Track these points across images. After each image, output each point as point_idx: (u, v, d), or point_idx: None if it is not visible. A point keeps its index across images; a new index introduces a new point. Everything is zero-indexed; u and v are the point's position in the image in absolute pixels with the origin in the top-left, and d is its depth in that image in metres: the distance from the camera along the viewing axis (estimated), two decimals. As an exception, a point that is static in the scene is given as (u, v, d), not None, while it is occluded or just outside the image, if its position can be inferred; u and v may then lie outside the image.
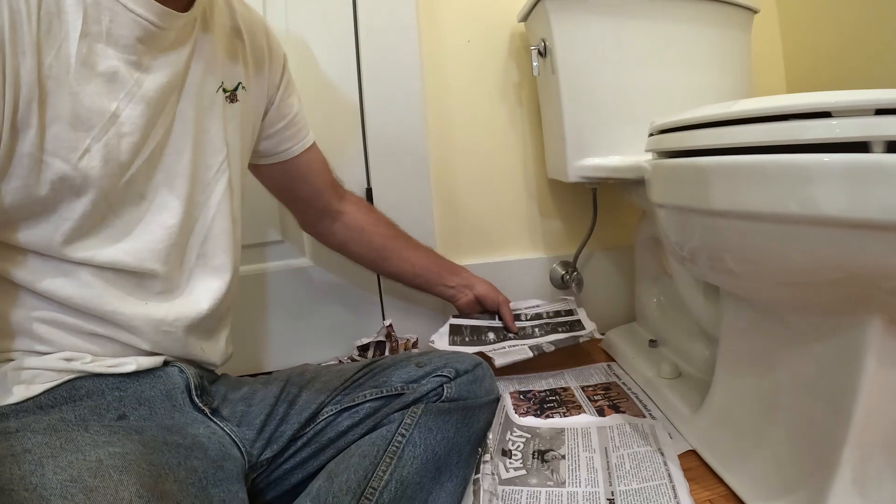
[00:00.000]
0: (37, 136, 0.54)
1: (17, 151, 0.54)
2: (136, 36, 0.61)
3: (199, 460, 0.60)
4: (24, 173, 0.55)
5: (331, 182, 1.04)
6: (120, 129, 0.61)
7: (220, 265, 0.74)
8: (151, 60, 0.64)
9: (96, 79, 0.59)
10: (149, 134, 0.64)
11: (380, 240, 1.10)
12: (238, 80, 0.78)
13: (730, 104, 0.58)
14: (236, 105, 0.78)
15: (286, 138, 0.92)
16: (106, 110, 0.59)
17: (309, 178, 0.99)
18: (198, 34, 0.70)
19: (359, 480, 0.67)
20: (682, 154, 0.66)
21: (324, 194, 1.03)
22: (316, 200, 1.02)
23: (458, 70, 1.32)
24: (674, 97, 1.13)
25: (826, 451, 0.61)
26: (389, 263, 1.13)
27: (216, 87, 0.74)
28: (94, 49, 0.58)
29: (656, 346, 1.17)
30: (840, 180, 0.47)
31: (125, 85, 0.61)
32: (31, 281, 0.60)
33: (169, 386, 0.67)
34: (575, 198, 1.40)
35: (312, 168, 0.99)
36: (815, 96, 0.50)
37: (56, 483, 0.49)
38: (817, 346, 0.63)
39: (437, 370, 0.81)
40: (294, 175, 0.97)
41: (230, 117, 0.77)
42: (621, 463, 0.81)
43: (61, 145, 0.56)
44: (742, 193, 0.55)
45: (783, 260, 0.56)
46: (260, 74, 0.84)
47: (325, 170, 1.02)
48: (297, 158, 0.95)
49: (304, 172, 0.98)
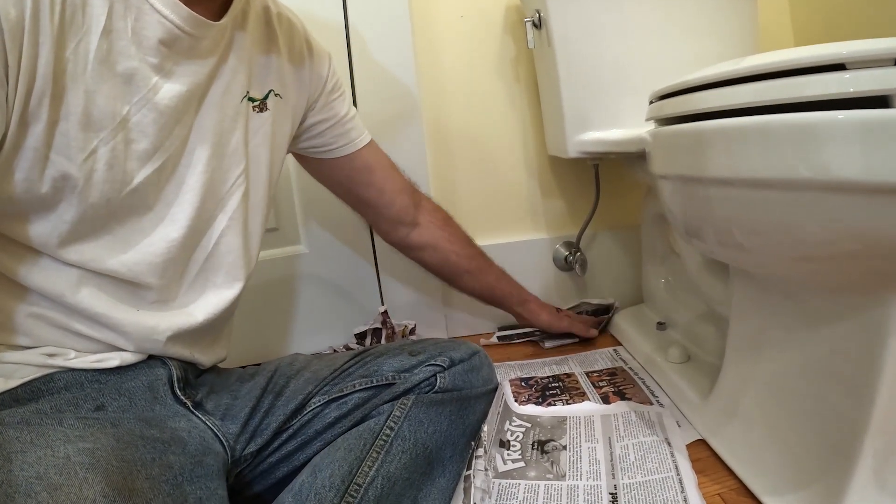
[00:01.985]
0: (45, 132, 0.52)
1: (23, 144, 0.52)
2: (158, 38, 0.59)
3: (177, 455, 0.58)
4: (28, 167, 0.53)
5: (403, 187, 1.01)
6: (128, 135, 0.58)
7: (223, 282, 0.71)
8: (174, 66, 0.61)
9: (113, 79, 0.56)
10: (161, 144, 0.61)
11: (454, 258, 1.07)
12: (270, 87, 0.75)
13: (735, 62, 0.53)
14: (265, 114, 0.75)
15: (333, 139, 0.89)
16: (117, 113, 0.57)
17: (372, 179, 0.96)
18: (228, 42, 0.68)
19: (343, 476, 0.64)
20: (684, 119, 0.61)
21: (396, 200, 0.99)
22: (386, 207, 0.99)
23: (452, 47, 1.29)
24: (676, 67, 1.08)
25: (845, 440, 0.57)
26: (462, 283, 1.12)
27: (241, 97, 0.71)
28: (115, 47, 0.56)
29: (664, 328, 1.13)
30: (855, 140, 0.43)
31: (141, 89, 0.59)
32: (23, 275, 0.58)
33: (151, 378, 0.65)
34: (577, 175, 1.36)
35: (374, 169, 0.95)
36: (827, 47, 0.45)
37: (22, 480, 0.48)
38: (835, 327, 0.59)
39: (431, 359, 0.78)
40: (352, 176, 0.94)
41: (256, 128, 0.74)
42: (625, 454, 0.76)
43: (68, 144, 0.54)
44: (747, 159, 0.50)
45: (795, 231, 0.51)
46: (299, 76, 0.81)
47: (390, 173, 0.99)
48: (349, 158, 0.92)
49: (362, 174, 0.94)
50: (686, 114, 0.60)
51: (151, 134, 0.60)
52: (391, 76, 1.19)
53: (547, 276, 1.35)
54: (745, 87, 0.51)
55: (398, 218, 1.01)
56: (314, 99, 0.85)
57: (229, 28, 0.67)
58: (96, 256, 0.59)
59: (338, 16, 1.15)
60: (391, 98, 1.19)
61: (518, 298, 1.17)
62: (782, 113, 0.47)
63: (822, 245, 0.50)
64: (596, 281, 1.37)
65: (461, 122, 1.31)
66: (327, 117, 0.87)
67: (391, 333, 1.19)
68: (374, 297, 1.25)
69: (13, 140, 0.51)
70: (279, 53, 0.77)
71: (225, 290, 0.71)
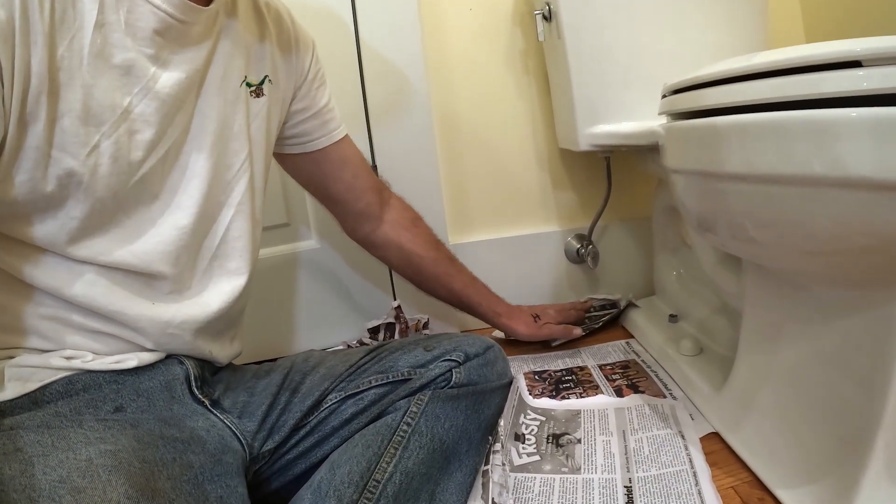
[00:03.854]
0: (45, 130, 0.52)
1: (24, 145, 0.52)
2: (153, 28, 0.58)
3: (196, 455, 0.58)
4: (31, 167, 0.53)
5: (372, 185, 0.99)
6: (131, 125, 0.58)
7: (236, 268, 0.72)
8: (170, 55, 0.61)
9: (111, 72, 0.56)
10: (164, 132, 0.61)
11: (417, 260, 1.03)
12: (264, 73, 0.75)
13: (748, 57, 0.53)
14: (262, 100, 0.75)
15: (312, 129, 0.88)
16: (118, 105, 0.57)
17: (343, 175, 0.94)
18: (221, 27, 0.68)
19: (361, 472, 0.64)
20: (697, 115, 0.61)
21: (363, 197, 0.98)
22: (353, 203, 0.98)
23: (460, 39, 1.28)
24: (687, 57, 1.07)
25: (858, 434, 0.57)
26: (427, 287, 1.07)
27: (240, 81, 0.71)
28: (110, 40, 0.56)
29: (676, 320, 1.13)
30: (869, 137, 0.43)
31: (140, 79, 0.58)
32: (36, 277, 0.58)
33: (168, 377, 0.65)
34: (588, 168, 1.35)
35: (346, 164, 0.94)
36: (843, 44, 0.45)
37: (45, 484, 0.48)
38: (849, 321, 0.59)
39: (446, 354, 0.78)
40: (324, 170, 0.93)
41: (255, 113, 0.74)
42: (640, 447, 0.77)
43: (70, 140, 0.54)
44: (762, 154, 0.50)
45: (808, 226, 0.51)
46: (287, 63, 0.81)
47: (362, 170, 0.97)
48: (324, 151, 0.90)
49: (334, 168, 0.93)
50: (700, 109, 0.60)
51: (155, 123, 0.60)
52: (400, 68, 1.18)
53: (559, 269, 1.35)
54: (761, 83, 0.51)
55: (363, 214, 0.99)
56: (298, 86, 0.84)
57: (220, 14, 0.67)
58: (107, 250, 0.59)
59: (346, 7, 1.15)
60: (400, 90, 1.19)
61: (489, 310, 1.09)
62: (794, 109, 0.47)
63: (835, 240, 0.50)
64: (607, 273, 1.37)
65: (470, 115, 1.30)
66: (308, 105, 0.86)
67: (405, 328, 1.20)
68: (386, 291, 1.26)
69: (14, 142, 0.51)
70: (270, 40, 0.77)
71: (237, 278, 0.72)
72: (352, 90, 1.18)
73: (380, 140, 1.19)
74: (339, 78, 1.16)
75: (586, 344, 1.16)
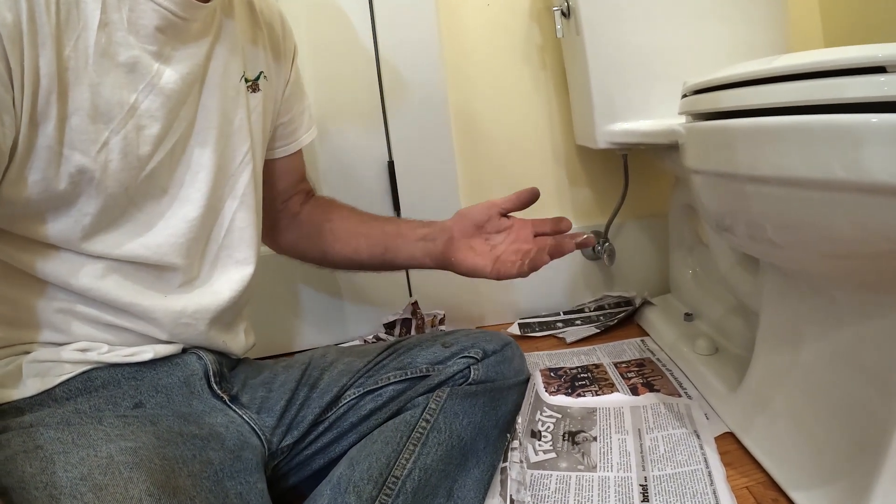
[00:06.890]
0: (56, 129, 0.53)
1: (36, 145, 0.53)
2: (155, 25, 0.59)
3: (216, 451, 0.59)
4: (44, 167, 0.53)
5: (300, 189, 0.93)
6: (139, 121, 0.59)
7: (243, 258, 0.72)
8: (172, 51, 0.62)
9: (116, 69, 0.57)
10: (170, 126, 0.62)
11: (329, 225, 0.89)
12: (260, 68, 0.76)
13: (770, 60, 0.53)
14: (258, 95, 0.76)
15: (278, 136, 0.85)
16: (125, 102, 0.58)
17: (278, 183, 0.89)
18: (220, 23, 0.69)
19: (381, 468, 0.65)
20: (719, 116, 0.61)
21: (286, 199, 0.91)
22: (274, 202, 0.90)
23: (478, 35, 1.28)
24: (706, 54, 1.06)
25: (873, 437, 0.57)
26: (340, 245, 0.89)
27: (239, 76, 0.72)
28: (114, 39, 0.57)
29: (692, 319, 1.13)
30: (891, 143, 0.42)
31: (145, 76, 0.59)
32: (49, 272, 0.59)
33: (187, 373, 0.66)
34: (605, 165, 1.35)
35: (288, 174, 0.89)
36: (867, 49, 0.44)
37: (66, 481, 0.48)
38: (866, 324, 0.59)
39: (464, 351, 0.78)
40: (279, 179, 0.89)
41: (253, 107, 0.75)
42: (655, 446, 0.77)
43: (80, 138, 0.55)
44: (783, 157, 0.50)
45: (828, 230, 0.51)
46: (278, 63, 0.81)
47: (299, 177, 0.92)
48: (278, 162, 0.87)
49: (274, 178, 0.88)
50: (721, 110, 0.60)
51: (161, 118, 0.61)
52: (417, 65, 1.19)
53: (574, 266, 1.34)
54: (783, 86, 0.50)
55: (281, 213, 0.91)
56: (283, 90, 0.84)
57: (218, 12, 0.68)
58: (120, 244, 0.60)
59: (363, 2, 1.15)
60: (417, 86, 1.19)
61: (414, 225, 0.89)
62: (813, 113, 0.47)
63: (854, 244, 0.50)
64: (623, 271, 1.36)
65: (487, 110, 1.30)
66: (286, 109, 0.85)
67: (420, 323, 1.20)
68: (401, 286, 1.26)
69: (26, 142, 0.52)
70: (263, 40, 0.78)
71: (244, 267, 0.72)
72: (369, 86, 1.18)
73: (397, 135, 1.20)
74: (356, 73, 1.17)
75: (601, 341, 1.17)
